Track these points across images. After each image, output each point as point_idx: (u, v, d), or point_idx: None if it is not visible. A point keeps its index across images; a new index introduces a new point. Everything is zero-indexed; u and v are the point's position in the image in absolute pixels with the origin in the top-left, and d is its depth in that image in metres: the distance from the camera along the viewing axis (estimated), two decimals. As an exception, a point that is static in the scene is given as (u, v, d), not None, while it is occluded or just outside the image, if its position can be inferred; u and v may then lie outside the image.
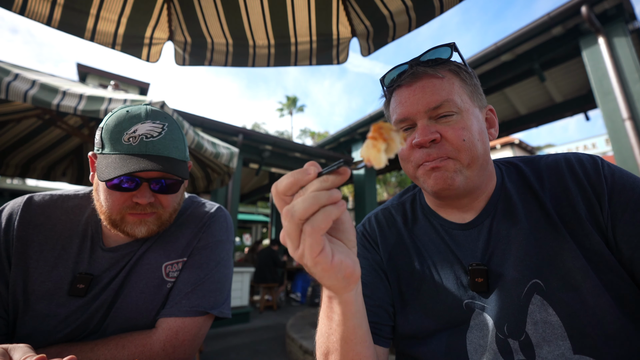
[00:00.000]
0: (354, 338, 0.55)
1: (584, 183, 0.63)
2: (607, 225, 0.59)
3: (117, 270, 0.85)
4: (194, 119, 6.07)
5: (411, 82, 0.68)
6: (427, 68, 0.67)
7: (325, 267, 0.40)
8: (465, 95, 0.67)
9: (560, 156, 0.70)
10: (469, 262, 0.67)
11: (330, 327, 0.56)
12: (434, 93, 0.65)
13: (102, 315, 0.81)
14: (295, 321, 5.03)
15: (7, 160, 3.22)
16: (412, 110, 0.67)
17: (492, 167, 0.71)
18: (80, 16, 1.39)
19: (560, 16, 4.28)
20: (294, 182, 0.40)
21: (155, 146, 0.80)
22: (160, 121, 0.84)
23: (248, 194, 12.72)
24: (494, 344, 0.60)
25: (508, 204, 0.69)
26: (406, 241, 0.78)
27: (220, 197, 6.44)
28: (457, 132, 0.63)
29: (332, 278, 0.43)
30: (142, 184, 0.80)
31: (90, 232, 0.87)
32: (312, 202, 0.37)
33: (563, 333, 0.55)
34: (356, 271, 0.45)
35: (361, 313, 0.55)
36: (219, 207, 1.02)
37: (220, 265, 0.92)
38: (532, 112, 6.87)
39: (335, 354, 0.57)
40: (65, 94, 1.92)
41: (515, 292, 0.60)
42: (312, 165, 0.40)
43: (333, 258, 0.41)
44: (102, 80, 14.93)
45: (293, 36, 1.66)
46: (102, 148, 0.80)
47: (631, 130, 3.87)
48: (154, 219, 0.84)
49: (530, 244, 0.62)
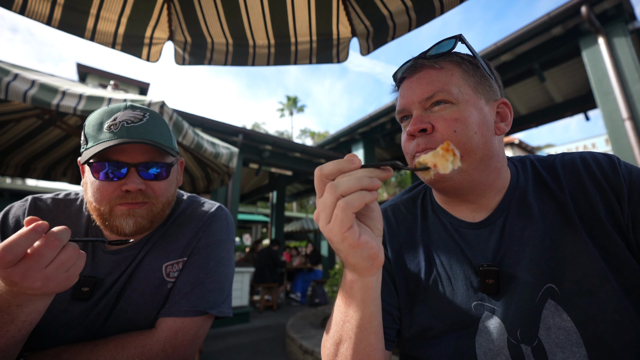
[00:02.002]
0: (369, 327, 0.56)
1: (603, 183, 0.61)
2: (627, 226, 0.57)
3: (119, 273, 0.84)
4: (194, 119, 6.07)
5: (411, 74, 0.69)
6: (427, 60, 0.68)
7: (352, 243, 0.45)
8: (466, 87, 0.65)
9: (576, 155, 0.68)
10: (479, 262, 0.65)
11: (346, 314, 0.57)
12: (428, 83, 0.65)
13: (104, 318, 0.81)
14: (295, 321, 5.03)
15: (7, 160, 3.22)
16: (408, 102, 0.68)
17: (502, 163, 0.69)
18: (81, 16, 1.39)
19: (560, 16, 4.28)
20: (339, 169, 0.45)
21: (137, 130, 0.79)
22: (140, 110, 0.84)
23: (248, 194, 12.71)
24: (505, 349, 0.58)
25: (523, 203, 0.66)
26: (415, 239, 0.76)
27: (220, 197, 6.43)
28: (449, 123, 0.62)
29: (357, 256, 0.47)
30: (129, 170, 0.78)
31: (91, 235, 0.87)
32: (356, 182, 0.43)
33: (578, 339, 0.54)
34: (380, 255, 0.49)
35: (379, 301, 0.57)
36: (219, 206, 1.01)
37: (221, 265, 0.91)
38: (532, 112, 6.87)
39: (348, 342, 0.57)
40: (64, 94, 1.92)
41: (529, 296, 0.59)
42: (354, 156, 0.46)
43: (360, 236, 0.45)
44: (102, 80, 14.93)
45: (293, 36, 1.66)
46: (86, 144, 0.79)
47: (631, 130, 3.87)
48: (144, 210, 0.81)
49: (545, 246, 0.60)
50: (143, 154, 0.80)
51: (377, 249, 0.48)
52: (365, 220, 0.50)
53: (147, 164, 0.80)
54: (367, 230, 0.49)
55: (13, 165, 3.28)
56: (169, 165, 0.85)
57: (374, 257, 0.48)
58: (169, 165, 0.85)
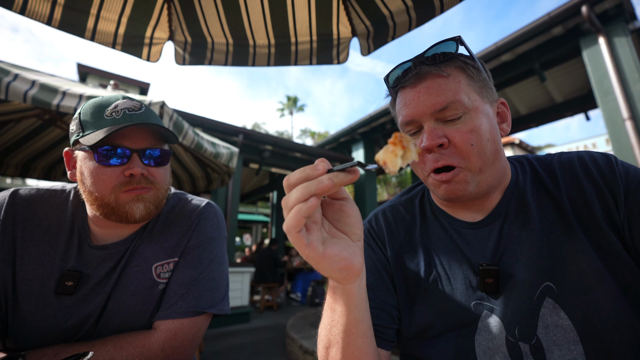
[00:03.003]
0: (356, 331, 0.55)
1: (599, 182, 0.61)
2: (623, 226, 0.57)
3: (106, 270, 0.82)
4: (194, 119, 6.07)
5: (416, 82, 0.65)
6: (432, 67, 0.64)
7: (316, 260, 0.42)
8: (473, 93, 0.64)
9: (574, 154, 0.68)
10: (478, 262, 0.65)
11: (332, 319, 0.56)
12: (439, 94, 0.62)
13: (95, 319, 0.80)
14: (295, 321, 5.03)
15: (7, 160, 3.22)
16: (417, 112, 0.64)
17: (505, 163, 0.69)
18: (81, 16, 1.39)
19: (560, 16, 4.28)
20: (305, 176, 0.42)
21: (139, 117, 0.81)
22: (137, 101, 0.86)
23: (248, 194, 12.71)
24: (503, 346, 0.59)
25: (521, 203, 0.67)
26: (414, 239, 0.76)
27: (220, 197, 6.44)
28: (465, 137, 0.61)
29: (327, 269, 0.44)
30: (132, 155, 0.78)
31: (77, 228, 0.84)
32: (303, 190, 0.40)
33: (575, 337, 0.54)
34: (355, 264, 0.46)
35: (364, 306, 0.55)
36: (207, 202, 0.99)
37: (214, 263, 0.90)
38: (532, 112, 6.87)
39: (336, 346, 0.57)
40: (65, 94, 1.92)
41: (527, 294, 0.59)
42: (322, 161, 0.42)
43: (325, 250, 0.43)
44: (102, 80, 14.94)
45: (293, 36, 1.66)
46: (82, 131, 0.78)
47: (631, 130, 3.87)
48: (151, 196, 0.81)
49: (543, 245, 0.61)
50: (145, 140, 0.81)
51: (349, 259, 0.45)
52: (341, 227, 0.47)
53: (149, 149, 0.81)
54: (340, 240, 0.46)
55: (13, 165, 3.29)
56: (167, 152, 0.86)
57: (346, 268, 0.45)
58: (168, 152, 0.86)
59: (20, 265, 0.77)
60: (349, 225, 0.47)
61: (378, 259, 0.77)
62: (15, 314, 0.75)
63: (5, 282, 0.75)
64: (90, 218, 0.85)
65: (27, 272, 0.77)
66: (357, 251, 0.47)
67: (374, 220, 0.85)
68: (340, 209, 0.48)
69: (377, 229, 0.82)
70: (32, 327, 0.75)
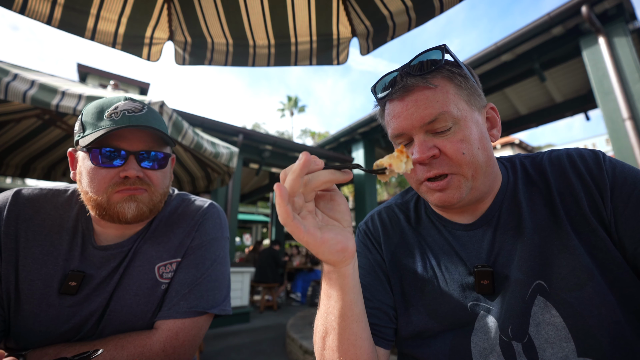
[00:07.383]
0: (351, 314, 0.57)
1: (587, 178, 0.62)
2: (610, 221, 0.58)
3: (109, 270, 0.83)
4: (194, 119, 6.07)
5: (403, 95, 0.65)
6: (418, 79, 0.64)
7: (315, 244, 0.47)
8: (461, 102, 0.64)
9: (563, 151, 0.69)
10: (473, 263, 0.66)
11: (328, 306, 0.59)
12: (427, 106, 0.62)
13: (97, 319, 0.80)
14: (295, 321, 5.03)
15: (7, 160, 3.22)
16: (406, 126, 0.64)
17: (496, 168, 0.70)
18: (81, 16, 1.39)
19: (560, 16, 4.28)
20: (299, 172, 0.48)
21: (138, 119, 0.80)
22: (140, 103, 0.84)
23: (248, 194, 12.71)
24: (497, 346, 0.59)
25: (513, 203, 0.68)
26: (410, 241, 0.77)
27: (220, 197, 6.44)
28: (456, 146, 0.61)
29: (326, 253, 0.49)
30: (129, 156, 0.78)
31: (81, 228, 0.84)
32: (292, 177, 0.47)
33: (567, 334, 0.54)
34: (350, 246, 0.51)
35: (357, 289, 0.59)
36: (210, 203, 0.99)
37: (217, 263, 0.91)
38: (532, 112, 6.87)
39: (332, 333, 0.58)
40: (64, 94, 1.91)
41: (520, 293, 0.59)
42: (305, 153, 0.47)
43: (323, 235, 0.47)
44: (102, 80, 14.94)
45: (293, 36, 1.66)
46: (83, 131, 0.78)
47: (631, 130, 3.87)
48: (145, 197, 0.80)
49: (534, 244, 0.61)
50: (143, 142, 0.80)
51: (344, 242, 0.50)
52: (333, 214, 0.53)
53: (146, 152, 0.80)
54: (334, 226, 0.51)
55: (13, 166, 3.29)
56: (166, 155, 0.85)
57: (343, 250, 0.50)
58: (167, 155, 0.86)
59: (23, 266, 0.77)
60: (339, 213, 0.53)
61: (374, 259, 0.78)
62: (18, 314, 0.75)
63: (8, 283, 0.76)
64: (94, 218, 0.85)
65: (31, 272, 0.77)
66: (349, 235, 0.52)
67: (370, 222, 0.86)
68: (331, 199, 0.54)
69: (373, 230, 0.83)
70: (34, 327, 0.75)
